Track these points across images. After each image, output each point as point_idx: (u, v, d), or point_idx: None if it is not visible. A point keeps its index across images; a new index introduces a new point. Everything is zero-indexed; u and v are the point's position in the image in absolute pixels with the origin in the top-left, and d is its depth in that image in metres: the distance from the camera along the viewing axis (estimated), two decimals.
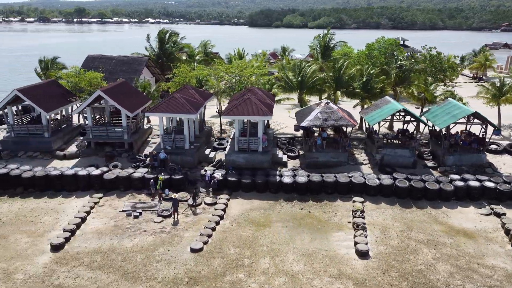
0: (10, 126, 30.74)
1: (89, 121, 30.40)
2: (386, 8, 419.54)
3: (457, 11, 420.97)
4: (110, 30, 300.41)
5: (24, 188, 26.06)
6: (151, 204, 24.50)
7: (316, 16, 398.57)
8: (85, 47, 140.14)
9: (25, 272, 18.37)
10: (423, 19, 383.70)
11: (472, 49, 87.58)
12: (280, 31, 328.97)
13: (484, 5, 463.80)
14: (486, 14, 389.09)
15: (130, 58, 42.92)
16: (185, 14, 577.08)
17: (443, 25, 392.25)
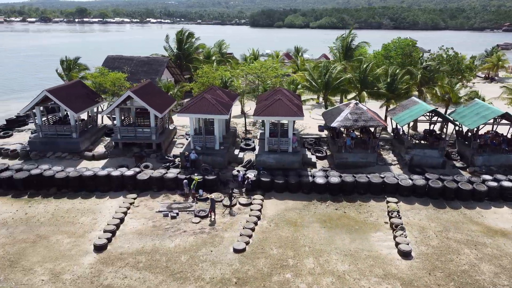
0: (38, 126, 30.76)
1: (117, 121, 30.43)
2: (387, 8, 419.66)
3: (458, 11, 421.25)
4: (112, 30, 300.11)
5: (57, 189, 26.11)
6: (187, 204, 24.55)
7: (318, 16, 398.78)
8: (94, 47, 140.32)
9: (72, 273, 18.44)
10: (425, 19, 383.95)
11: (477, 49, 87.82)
12: (282, 31, 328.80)
13: (485, 5, 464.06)
14: (488, 14, 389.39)
15: (150, 58, 42.95)
16: (186, 14, 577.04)
17: (444, 25, 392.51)
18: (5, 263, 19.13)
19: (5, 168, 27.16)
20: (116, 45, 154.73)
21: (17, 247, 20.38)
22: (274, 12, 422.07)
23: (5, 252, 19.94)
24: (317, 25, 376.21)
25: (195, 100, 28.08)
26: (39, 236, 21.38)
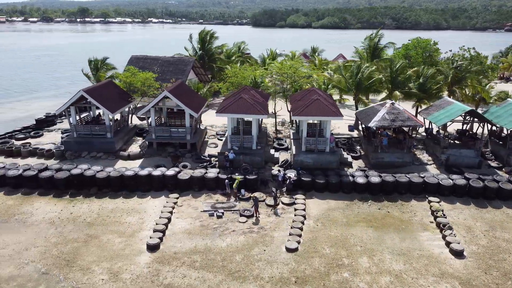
0: (73, 126, 30.81)
1: (152, 121, 30.49)
2: (390, 8, 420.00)
3: (460, 11, 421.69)
4: (115, 30, 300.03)
5: (98, 189, 26.16)
6: (230, 204, 24.62)
7: (320, 16, 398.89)
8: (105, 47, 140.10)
9: (131, 272, 18.50)
10: (427, 19, 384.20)
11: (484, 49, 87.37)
12: (284, 31, 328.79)
13: (486, 5, 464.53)
14: (490, 14, 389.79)
15: (176, 58, 42.96)
16: (187, 14, 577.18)
17: (446, 25, 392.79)
18: (61, 262, 19.19)
19: (45, 168, 27.22)
20: (128, 45, 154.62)
21: (70, 246, 20.44)
22: (276, 12, 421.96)
23: (60, 251, 20.00)
24: (319, 25, 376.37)
25: (233, 100, 28.13)
26: (90, 235, 21.44)
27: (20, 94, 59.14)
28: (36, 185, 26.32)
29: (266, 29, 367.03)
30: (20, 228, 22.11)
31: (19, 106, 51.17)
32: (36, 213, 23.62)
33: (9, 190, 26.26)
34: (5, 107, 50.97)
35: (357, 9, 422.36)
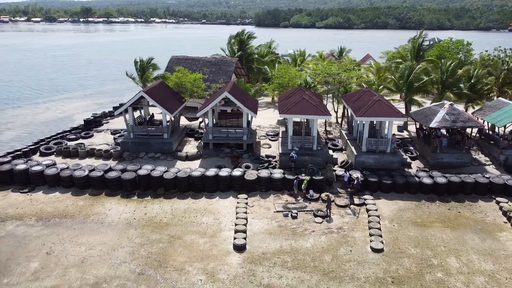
0: (130, 127, 30.91)
1: (210, 122, 30.62)
2: (393, 8, 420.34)
3: (463, 11, 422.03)
4: (124, 30, 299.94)
5: (165, 189, 26.28)
6: (301, 204, 24.75)
7: (324, 16, 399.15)
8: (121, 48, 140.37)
9: (226, 272, 18.62)
10: (430, 19, 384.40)
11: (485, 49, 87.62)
12: (289, 31, 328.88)
13: (487, 5, 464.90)
14: (493, 14, 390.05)
15: (218, 59, 43.05)
16: (189, 14, 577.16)
17: (450, 25, 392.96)
18: (153, 263, 19.31)
19: (108, 168, 27.33)
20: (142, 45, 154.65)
21: (156, 247, 20.55)
22: (280, 12, 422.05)
23: (148, 252, 20.12)
24: (323, 25, 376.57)
25: (296, 101, 28.25)
26: (171, 236, 21.55)
27: (51, 94, 59.22)
28: (102, 185, 26.44)
29: (269, 29, 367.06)
30: (100, 228, 22.22)
31: (54, 107, 51.26)
32: (110, 214, 23.73)
33: (76, 190, 26.39)
34: (40, 107, 51.09)
35: (360, 9, 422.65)
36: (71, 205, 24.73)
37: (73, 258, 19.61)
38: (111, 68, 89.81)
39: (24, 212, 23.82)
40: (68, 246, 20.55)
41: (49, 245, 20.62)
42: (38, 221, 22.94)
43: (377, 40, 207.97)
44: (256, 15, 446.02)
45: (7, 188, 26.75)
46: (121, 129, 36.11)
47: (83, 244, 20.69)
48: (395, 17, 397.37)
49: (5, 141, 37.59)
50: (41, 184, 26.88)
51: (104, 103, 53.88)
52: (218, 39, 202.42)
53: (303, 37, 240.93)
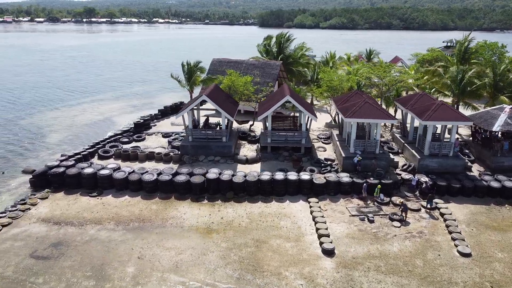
0: (189, 131, 31.01)
1: (269, 126, 30.74)
2: (396, 9, 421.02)
3: (466, 12, 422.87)
4: (129, 30, 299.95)
5: (234, 193, 26.39)
6: (374, 208, 24.88)
7: (327, 16, 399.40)
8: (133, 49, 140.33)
9: (323, 277, 18.74)
10: (434, 19, 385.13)
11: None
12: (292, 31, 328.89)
13: (489, 5, 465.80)
14: (497, 14, 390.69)
15: (261, 62, 43.11)
16: (191, 14, 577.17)
17: (453, 25, 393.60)
18: (248, 267, 19.43)
19: (175, 172, 27.43)
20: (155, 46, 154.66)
21: (245, 251, 20.67)
22: (283, 13, 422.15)
23: (238, 256, 20.23)
24: (327, 25, 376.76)
25: (358, 105, 28.38)
26: (256, 240, 21.66)
27: (82, 96, 59.27)
28: (171, 189, 26.55)
29: (273, 29, 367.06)
30: (181, 233, 22.33)
31: (90, 108, 51.30)
32: (187, 218, 23.84)
33: (145, 194, 26.50)
34: (76, 109, 51.13)
35: (364, 10, 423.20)
36: (144, 209, 24.83)
37: (166, 262, 19.71)
38: (133, 69, 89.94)
39: (101, 216, 23.92)
40: (157, 250, 20.66)
41: (137, 249, 20.72)
42: (118, 225, 23.04)
43: (385, 40, 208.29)
44: (260, 15, 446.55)
45: (74, 191, 26.87)
46: (171, 132, 36.24)
47: (171, 249, 20.79)
48: (399, 17, 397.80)
49: (54, 143, 37.66)
50: (108, 188, 26.99)
51: (137, 105, 54.00)
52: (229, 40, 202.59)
53: (309, 37, 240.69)
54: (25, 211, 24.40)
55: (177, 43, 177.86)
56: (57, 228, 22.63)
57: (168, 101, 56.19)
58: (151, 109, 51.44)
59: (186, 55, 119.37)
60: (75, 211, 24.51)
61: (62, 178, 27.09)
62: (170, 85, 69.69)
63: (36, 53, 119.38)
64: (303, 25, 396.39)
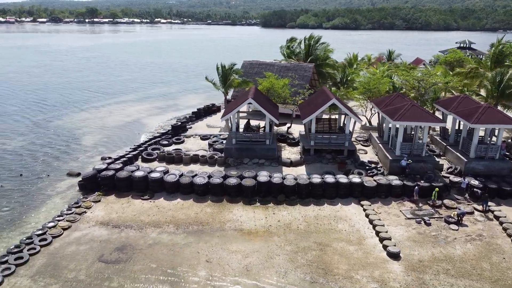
0: (233, 133, 31.14)
1: (313, 128, 30.88)
2: (399, 9, 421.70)
3: (468, 12, 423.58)
4: (132, 31, 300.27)
5: (285, 196, 26.51)
6: (428, 211, 25.02)
7: (330, 16, 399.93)
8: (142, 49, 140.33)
9: (395, 280, 18.85)
10: (437, 19, 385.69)
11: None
12: (296, 32, 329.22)
13: (490, 5, 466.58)
14: (499, 15, 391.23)
15: (294, 64, 43.28)
16: (193, 14, 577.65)
17: (456, 25, 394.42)
18: (318, 271, 19.55)
19: (225, 175, 27.55)
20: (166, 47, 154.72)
21: (310, 254, 20.79)
22: (286, 13, 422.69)
23: (306, 260, 20.35)
24: (330, 26, 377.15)
25: (405, 108, 28.51)
26: (319, 243, 21.78)
27: (105, 97, 59.41)
28: (222, 192, 26.67)
29: (276, 30, 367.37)
30: (243, 236, 22.44)
31: (116, 110, 51.42)
32: (243, 221, 23.96)
33: (196, 197, 26.62)
34: (102, 110, 51.25)
35: (367, 10, 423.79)
36: (200, 212, 24.96)
37: (235, 266, 19.83)
38: (150, 70, 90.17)
39: (158, 219, 24.04)
40: (223, 254, 20.77)
41: (203, 253, 20.83)
42: (178, 228, 23.16)
43: (391, 41, 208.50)
44: (262, 15, 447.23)
45: (125, 194, 26.98)
46: (209, 134, 36.35)
47: (237, 252, 20.91)
48: (402, 17, 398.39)
49: (89, 145, 37.76)
50: (158, 191, 27.11)
51: (162, 107, 54.11)
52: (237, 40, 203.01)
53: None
54: (82, 214, 24.51)
55: (186, 44, 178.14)
56: (118, 232, 22.74)
57: (192, 102, 56.52)
58: (176, 111, 51.69)
59: (200, 57, 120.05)
60: (131, 214, 24.63)
61: (112, 181, 27.19)
62: (190, 86, 70.11)
63: (48, 54, 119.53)
64: (306, 25, 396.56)
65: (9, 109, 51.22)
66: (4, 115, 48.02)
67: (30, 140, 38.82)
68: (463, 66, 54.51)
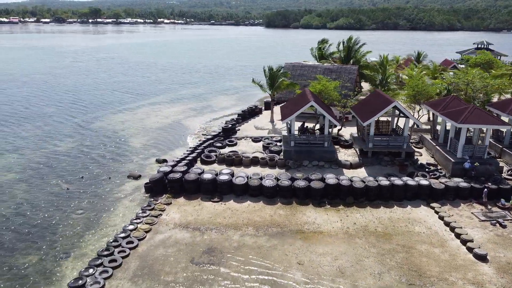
0: (292, 136, 31.38)
1: (371, 131, 31.11)
2: (402, 9, 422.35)
3: (471, 12, 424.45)
4: (136, 31, 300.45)
5: (354, 198, 26.75)
6: (501, 213, 25.26)
7: (334, 16, 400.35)
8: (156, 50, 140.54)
9: (491, 283, 19.06)
10: (441, 20, 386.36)
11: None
12: (300, 32, 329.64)
13: (491, 5, 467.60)
14: (503, 15, 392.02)
15: (337, 66, 43.53)
16: (195, 15, 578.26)
17: (460, 26, 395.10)
18: (410, 273, 19.71)
19: (291, 177, 27.77)
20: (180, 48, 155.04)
21: (398, 257, 20.95)
22: (290, 13, 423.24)
23: (395, 262, 20.53)
24: (334, 26, 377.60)
25: (469, 110, 28.75)
26: (402, 246, 21.95)
27: (138, 98, 59.52)
28: (290, 194, 26.90)
29: (280, 30, 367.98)
30: (324, 238, 22.63)
31: (153, 112, 51.52)
32: (319, 223, 24.16)
33: (265, 200, 26.83)
34: (138, 112, 51.40)
35: (370, 10, 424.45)
36: (273, 214, 25.16)
37: (328, 268, 20.04)
38: (173, 71, 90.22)
39: (236, 222, 24.24)
40: (312, 256, 20.99)
41: (291, 255, 21.03)
42: (258, 230, 23.37)
43: (400, 41, 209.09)
44: (266, 15, 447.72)
45: (193, 197, 27.18)
46: (260, 137, 36.55)
47: (325, 254, 21.12)
48: (405, 18, 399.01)
49: (139, 147, 37.86)
50: (227, 193, 27.32)
51: (197, 108, 54.25)
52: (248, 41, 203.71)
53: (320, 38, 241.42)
54: (158, 216, 24.71)
55: (199, 44, 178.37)
56: (199, 234, 22.94)
57: (225, 104, 56.85)
58: (212, 112, 51.91)
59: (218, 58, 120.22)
60: (206, 216, 24.83)
61: (180, 183, 27.40)
62: (218, 87, 70.37)
63: (65, 55, 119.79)
64: (310, 25, 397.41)
65: (46, 110, 51.42)
66: (44, 116, 48.21)
67: (79, 142, 38.98)
68: (492, 67, 54.87)
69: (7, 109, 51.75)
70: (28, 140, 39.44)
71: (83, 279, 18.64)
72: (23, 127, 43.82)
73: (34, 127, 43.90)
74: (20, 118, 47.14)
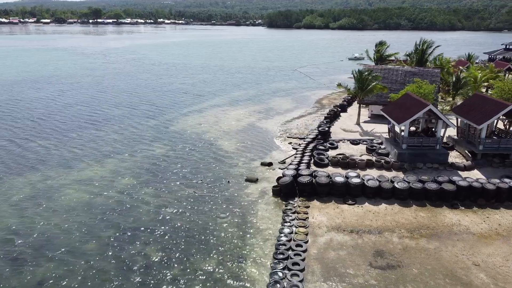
0: (405, 139, 31.91)
1: (483, 134, 31.76)
2: (404, 9, 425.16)
3: (472, 12, 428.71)
4: (138, 31, 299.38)
5: (485, 200, 27.35)
6: None
7: (336, 16, 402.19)
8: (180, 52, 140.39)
9: None
10: (442, 20, 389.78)
11: None
12: (303, 32, 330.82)
13: (486, 5, 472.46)
14: (503, 15, 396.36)
15: (419, 69, 44.11)
16: (195, 15, 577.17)
17: (461, 25, 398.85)
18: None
19: (419, 180, 28.29)
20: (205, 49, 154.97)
21: None
22: (292, 13, 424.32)
23: None
24: (337, 26, 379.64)
25: None
26: None
27: (198, 100, 59.74)
28: (421, 197, 27.43)
29: (282, 30, 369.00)
30: (480, 239, 23.16)
31: (218, 114, 51.30)
32: (466, 224, 24.67)
33: (399, 202, 27.32)
34: (204, 115, 51.20)
35: (372, 10, 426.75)
36: (416, 216, 25.67)
37: (506, 269, 20.59)
38: (212, 73, 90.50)
39: (384, 224, 24.71)
40: (481, 257, 21.50)
41: (462, 257, 21.46)
42: (411, 232, 23.86)
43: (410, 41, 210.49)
44: (267, 15, 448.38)
45: (326, 200, 27.59)
46: (357, 139, 37.04)
47: (493, 255, 21.64)
48: (407, 18, 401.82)
49: (233, 151, 37.90)
50: (358, 196, 27.78)
51: (261, 110, 54.27)
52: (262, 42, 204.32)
53: (327, 39, 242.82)
54: (306, 220, 25.08)
55: (217, 46, 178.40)
56: (358, 237, 23.37)
57: (286, 106, 57.36)
58: (279, 114, 52.20)
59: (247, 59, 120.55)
60: (353, 219, 25.27)
61: (312, 186, 27.81)
62: (266, 88, 70.81)
63: (93, 57, 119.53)
64: (312, 25, 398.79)
65: (116, 113, 51.46)
66: (112, 119, 48.25)
67: (170, 146, 38.92)
68: None
69: (74, 112, 51.66)
70: (119, 144, 39.43)
71: (281, 283, 18.98)
72: (102, 131, 43.78)
73: (113, 131, 43.90)
74: (95, 122, 47.11)
